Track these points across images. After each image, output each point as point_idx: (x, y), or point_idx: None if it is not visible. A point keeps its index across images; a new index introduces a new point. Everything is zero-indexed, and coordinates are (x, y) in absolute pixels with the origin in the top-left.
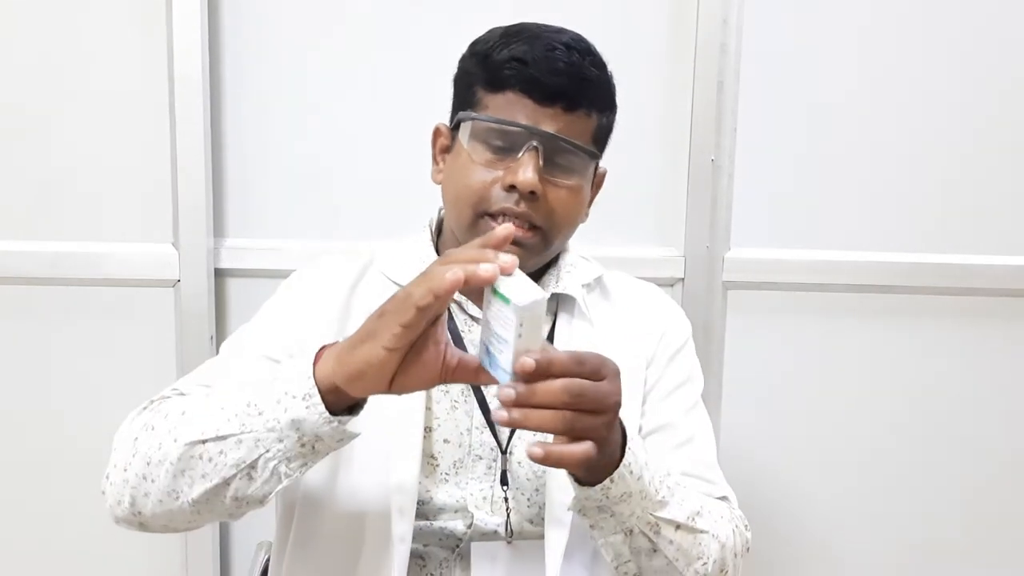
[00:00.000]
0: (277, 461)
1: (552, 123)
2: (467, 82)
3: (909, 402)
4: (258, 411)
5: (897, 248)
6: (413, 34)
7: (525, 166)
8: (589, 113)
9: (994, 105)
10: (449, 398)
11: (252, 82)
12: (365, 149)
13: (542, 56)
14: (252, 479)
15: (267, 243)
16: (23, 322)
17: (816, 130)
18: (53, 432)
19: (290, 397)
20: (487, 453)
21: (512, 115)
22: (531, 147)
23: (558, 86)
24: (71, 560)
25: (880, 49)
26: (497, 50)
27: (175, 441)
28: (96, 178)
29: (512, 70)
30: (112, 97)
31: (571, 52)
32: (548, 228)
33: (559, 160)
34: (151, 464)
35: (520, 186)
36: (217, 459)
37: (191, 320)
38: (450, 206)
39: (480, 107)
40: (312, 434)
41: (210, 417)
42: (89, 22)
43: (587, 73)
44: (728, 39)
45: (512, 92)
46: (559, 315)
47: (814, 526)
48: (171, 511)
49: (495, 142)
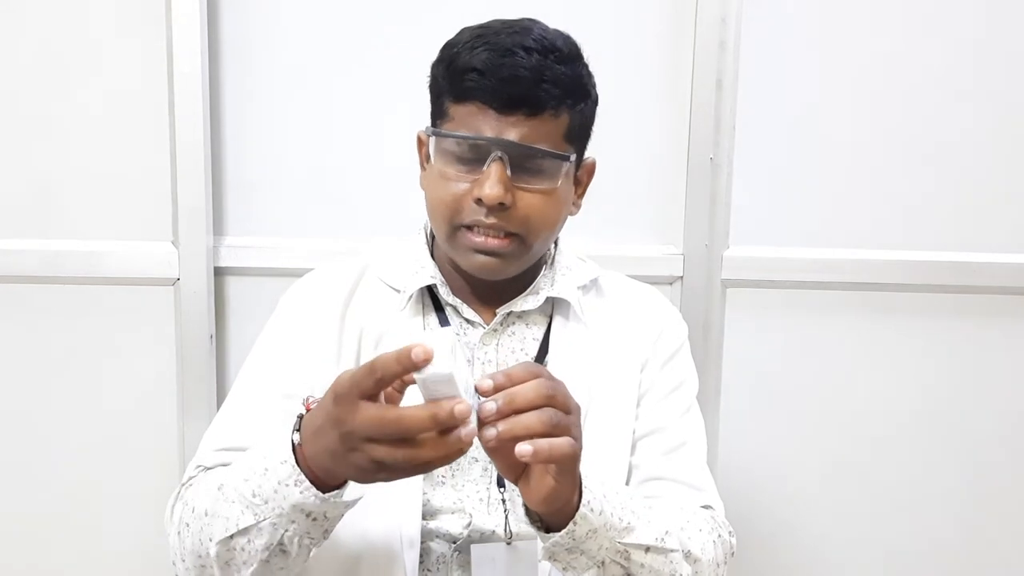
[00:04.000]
0: (299, 537)
1: (515, 130)
2: (435, 91)
3: (908, 399)
4: (263, 500)
5: (896, 246)
6: (413, 33)
7: (491, 179)
8: (557, 113)
9: (994, 103)
10: None
11: (252, 80)
12: (365, 148)
13: (499, 64)
14: (286, 553)
15: (267, 241)
16: (23, 321)
17: (815, 128)
18: (53, 431)
19: (284, 486)
20: (483, 455)
21: (476, 126)
22: (496, 157)
23: (516, 94)
24: (71, 559)
25: (879, 47)
26: (459, 58)
27: (210, 541)
28: (96, 176)
29: (472, 81)
30: (112, 96)
31: (530, 55)
32: (525, 234)
33: (528, 165)
34: (202, 557)
35: (486, 199)
36: (248, 547)
37: (191, 319)
38: (429, 216)
39: (447, 118)
40: (317, 511)
41: (228, 512)
42: (89, 20)
43: (549, 74)
44: (727, 37)
45: (473, 104)
46: (554, 318)
47: (812, 523)
48: None
49: (461, 155)
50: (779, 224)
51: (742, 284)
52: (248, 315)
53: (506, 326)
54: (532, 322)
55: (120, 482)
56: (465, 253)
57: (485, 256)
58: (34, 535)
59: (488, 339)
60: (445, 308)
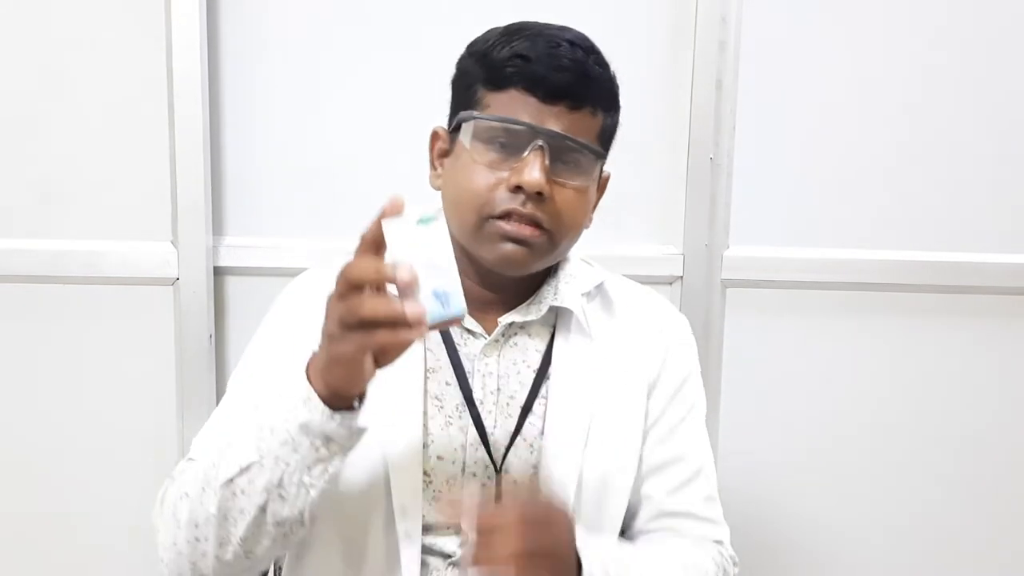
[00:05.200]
0: (300, 473)
1: (557, 122)
2: (466, 82)
3: (908, 399)
4: (270, 430)
5: (896, 246)
6: (413, 32)
7: (531, 166)
8: (594, 112)
9: (994, 103)
10: (443, 414)
11: (251, 80)
12: (364, 147)
13: (545, 52)
14: (284, 499)
15: (266, 241)
16: (22, 320)
17: (815, 128)
18: (52, 430)
19: (292, 405)
20: (481, 471)
21: (515, 114)
22: (536, 146)
23: (563, 83)
24: (70, 559)
25: (879, 47)
26: (498, 48)
27: (212, 492)
28: (95, 176)
29: (514, 67)
30: (111, 95)
31: (575, 49)
32: (555, 230)
33: (566, 160)
34: (199, 525)
35: (527, 186)
36: (248, 489)
37: (190, 318)
38: (452, 210)
39: (482, 107)
40: (321, 434)
41: (232, 455)
42: (88, 20)
43: (592, 71)
44: (727, 37)
45: (515, 90)
46: (557, 330)
47: (811, 523)
48: (229, 563)
49: (499, 142)
50: (779, 224)
51: (742, 284)
52: (247, 315)
53: (508, 337)
54: (535, 333)
55: (119, 481)
56: (492, 243)
57: (514, 245)
58: (32, 534)
59: (489, 350)
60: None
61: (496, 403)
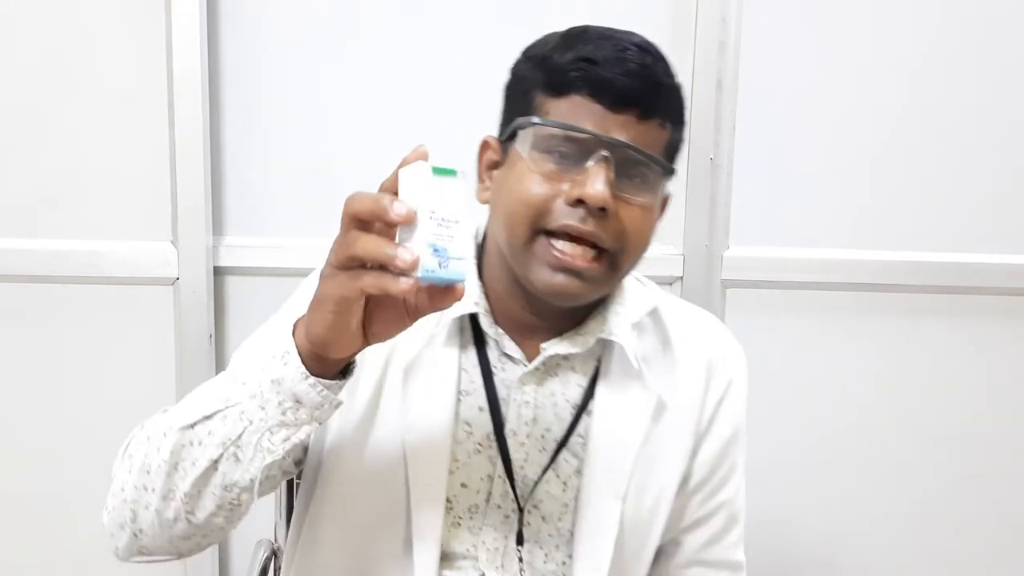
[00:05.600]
0: (260, 434)
1: (623, 131)
2: (523, 88)
3: (908, 400)
4: (242, 382)
5: (896, 247)
6: (413, 32)
7: (595, 178)
8: (663, 124)
9: (994, 104)
10: (473, 440)
11: (251, 80)
12: (364, 147)
13: (612, 56)
14: (238, 460)
15: (266, 241)
16: (22, 320)
17: (815, 129)
18: (51, 430)
19: (269, 358)
20: (506, 504)
21: (579, 121)
22: (601, 157)
23: (631, 90)
24: (69, 558)
25: (879, 47)
26: (559, 51)
27: (167, 436)
28: (95, 176)
29: (579, 71)
30: (111, 95)
31: (644, 54)
32: (617, 251)
33: (631, 174)
34: (150, 472)
35: (589, 200)
36: (206, 440)
37: (190, 318)
38: (501, 224)
39: (541, 113)
40: (291, 395)
41: (200, 401)
42: (88, 20)
43: (662, 79)
44: (727, 37)
45: (578, 96)
46: (603, 363)
47: (811, 523)
48: (169, 523)
49: (559, 151)
50: (779, 225)
51: (742, 284)
52: (247, 315)
53: (549, 367)
54: (579, 365)
55: None
56: (541, 269)
57: (567, 276)
58: (31, 533)
59: (528, 379)
60: (486, 339)
61: (529, 435)
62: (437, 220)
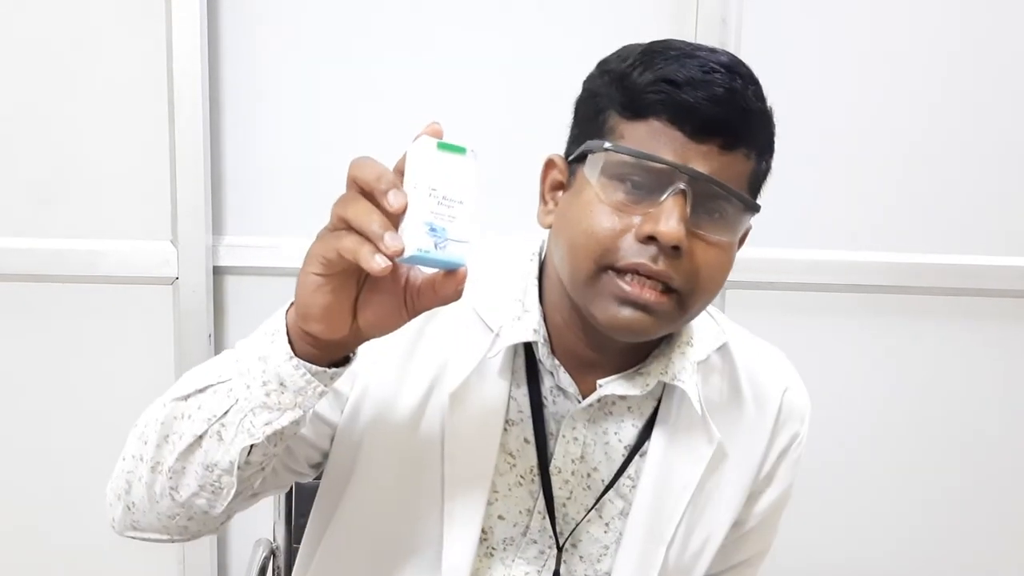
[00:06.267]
0: (243, 415)
1: (705, 163)
2: (596, 106)
3: (908, 401)
4: (235, 358)
5: (896, 248)
6: (413, 31)
7: (669, 213)
8: (748, 155)
9: (995, 105)
10: (515, 472)
11: (251, 79)
12: (364, 146)
13: (699, 79)
14: (222, 439)
15: (266, 241)
16: (21, 319)
17: (815, 130)
18: (50, 429)
19: (261, 335)
20: (543, 540)
21: (656, 149)
22: (678, 190)
23: (716, 117)
24: (68, 557)
25: (879, 48)
26: (639, 69)
27: (165, 406)
28: (95, 175)
29: (660, 94)
30: (111, 94)
31: (732, 76)
32: (687, 292)
33: (711, 209)
34: (147, 443)
35: (662, 238)
36: (195, 414)
37: (189, 318)
38: (565, 255)
39: (614, 137)
40: (275, 376)
41: (200, 373)
42: (88, 18)
43: (751, 104)
44: (727, 39)
45: (657, 121)
46: (663, 405)
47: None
48: (156, 499)
49: (632, 180)
50: (779, 226)
51: (741, 286)
52: (247, 314)
53: (604, 405)
54: (635, 406)
55: None
56: (607, 303)
57: (633, 311)
58: (30, 532)
59: (579, 416)
60: (540, 370)
61: (575, 473)
62: (438, 198)
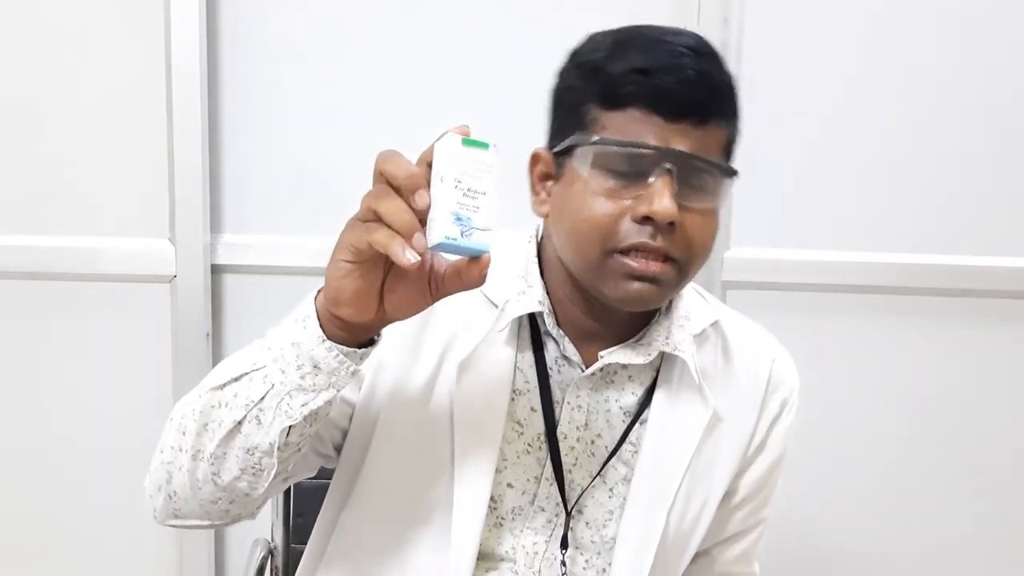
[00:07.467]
0: (279, 398)
1: (684, 141)
2: (575, 100)
3: (909, 402)
4: (268, 346)
5: (897, 249)
6: (413, 30)
7: (660, 193)
8: (720, 124)
9: (996, 106)
10: (523, 440)
11: (250, 77)
12: (363, 145)
13: (669, 64)
14: (260, 423)
15: (264, 239)
16: (19, 316)
17: (816, 130)
18: (48, 427)
19: (292, 322)
20: (550, 507)
21: (638, 135)
22: (664, 170)
23: (690, 98)
24: (67, 557)
25: (881, 49)
26: (611, 61)
27: (200, 397)
28: (93, 173)
29: (635, 84)
30: (109, 92)
31: (700, 58)
32: (686, 260)
33: (694, 182)
34: (185, 433)
35: (658, 217)
36: (232, 402)
37: (187, 316)
38: (568, 243)
39: (596, 128)
40: (309, 359)
41: (233, 363)
42: (87, 16)
43: (718, 80)
44: (729, 38)
45: (635, 108)
46: (662, 375)
47: (811, 524)
48: (199, 485)
49: (620, 168)
50: (779, 226)
51: (742, 286)
52: (245, 313)
53: (606, 374)
54: (635, 375)
55: (114, 479)
56: (618, 281)
57: (642, 283)
58: (29, 530)
59: (583, 384)
60: (545, 340)
61: (580, 440)
62: (463, 190)
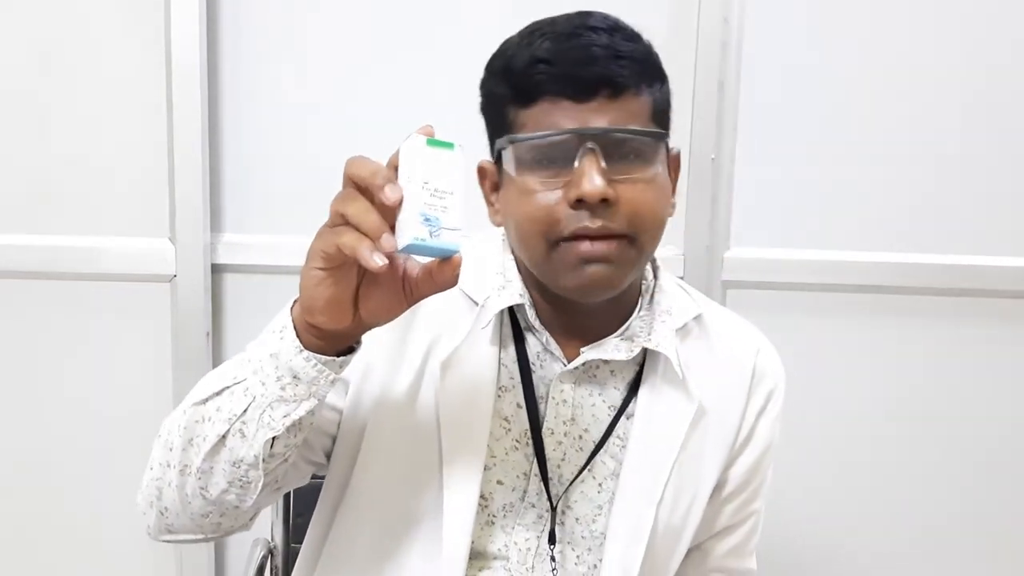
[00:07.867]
0: (261, 410)
1: (601, 116)
2: (495, 106)
3: (909, 402)
4: (247, 359)
5: (897, 248)
6: (413, 30)
7: (587, 174)
8: (638, 92)
9: (996, 106)
10: (511, 437)
11: (250, 76)
12: (363, 144)
13: (567, 48)
14: (244, 436)
15: (264, 239)
16: (19, 316)
17: (817, 130)
18: (48, 426)
19: (269, 333)
20: (541, 503)
21: (554, 123)
22: (586, 150)
23: (593, 75)
24: (67, 557)
25: (881, 48)
26: (518, 56)
27: (185, 412)
28: (93, 172)
29: (540, 74)
30: (109, 91)
31: (597, 34)
32: (635, 233)
33: (623, 153)
34: (172, 449)
35: (587, 197)
36: (215, 416)
37: (187, 316)
38: (519, 245)
39: (517, 128)
40: (288, 370)
41: (214, 377)
42: (87, 16)
43: (622, 49)
44: (729, 38)
45: (545, 99)
46: (646, 370)
47: (811, 525)
48: (188, 500)
49: (543, 160)
50: (780, 226)
51: (743, 286)
52: (245, 312)
53: (588, 369)
54: (619, 370)
55: (114, 479)
56: (571, 269)
57: (596, 265)
58: (28, 530)
59: (566, 378)
60: (526, 336)
61: (567, 434)
62: (430, 190)
